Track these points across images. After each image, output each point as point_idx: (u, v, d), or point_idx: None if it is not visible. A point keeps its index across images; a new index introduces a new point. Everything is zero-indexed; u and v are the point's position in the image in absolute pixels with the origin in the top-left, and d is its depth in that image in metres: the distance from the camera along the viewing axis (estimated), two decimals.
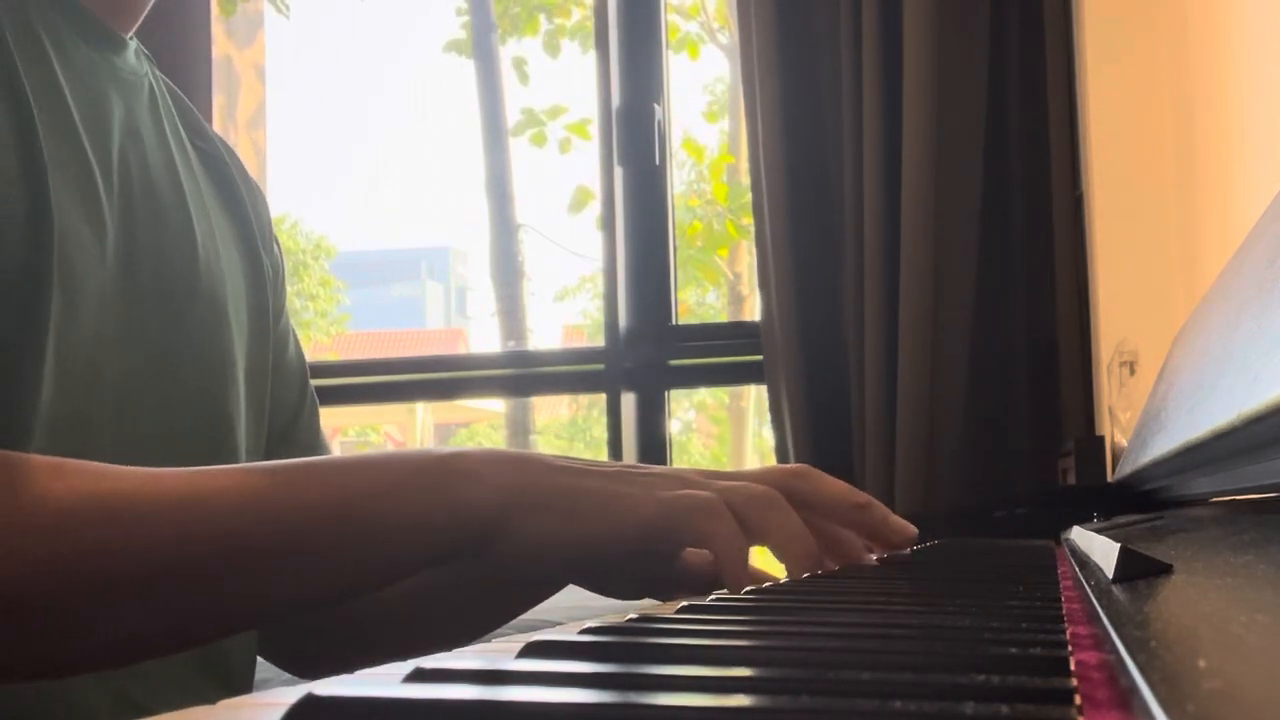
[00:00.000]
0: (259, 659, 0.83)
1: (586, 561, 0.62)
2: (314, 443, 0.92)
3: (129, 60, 0.77)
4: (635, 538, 0.59)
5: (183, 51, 2.35)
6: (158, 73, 0.82)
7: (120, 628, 0.54)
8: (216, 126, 2.45)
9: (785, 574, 0.64)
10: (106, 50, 0.75)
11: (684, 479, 0.62)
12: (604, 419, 2.23)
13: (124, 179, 0.74)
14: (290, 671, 0.89)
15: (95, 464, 0.55)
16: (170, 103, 0.83)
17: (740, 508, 0.60)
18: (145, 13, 0.79)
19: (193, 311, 0.77)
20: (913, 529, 0.70)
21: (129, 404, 0.72)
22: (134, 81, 0.77)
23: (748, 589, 0.53)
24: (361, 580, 0.59)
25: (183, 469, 0.57)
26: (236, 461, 0.81)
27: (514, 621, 0.82)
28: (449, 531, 0.58)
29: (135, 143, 0.76)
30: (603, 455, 2.78)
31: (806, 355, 1.99)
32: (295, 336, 0.93)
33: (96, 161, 0.71)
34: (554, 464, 0.60)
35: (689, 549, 0.66)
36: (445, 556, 0.59)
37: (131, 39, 0.79)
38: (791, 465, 0.69)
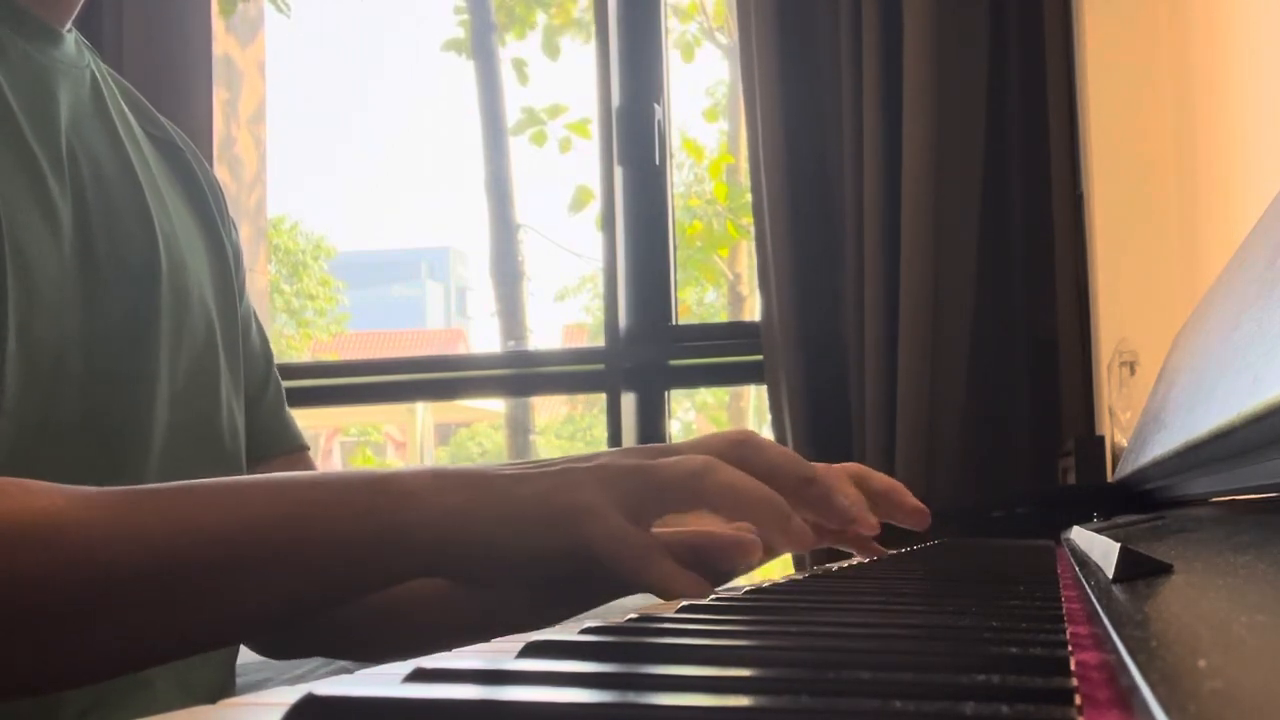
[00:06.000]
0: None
1: (535, 572, 0.58)
2: (278, 417, 0.92)
3: (68, 52, 0.78)
4: (582, 556, 0.55)
5: (183, 49, 2.35)
6: (101, 63, 0.82)
7: (53, 650, 0.53)
8: (218, 122, 2.46)
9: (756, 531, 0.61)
10: (44, 44, 0.76)
11: (625, 491, 0.57)
12: (604, 419, 2.23)
13: (74, 169, 0.74)
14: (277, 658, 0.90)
15: (29, 483, 0.54)
16: (116, 91, 0.83)
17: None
18: (80, 6, 0.79)
19: (156, 293, 0.78)
20: (858, 511, 0.66)
21: (98, 397, 0.72)
22: (75, 73, 0.78)
23: (748, 589, 0.54)
24: (296, 601, 0.56)
25: (116, 490, 0.55)
26: (223, 439, 0.82)
27: None
28: (386, 554, 0.55)
29: (82, 133, 0.76)
30: None
31: (806, 355, 1.99)
32: (256, 317, 0.93)
33: (43, 154, 0.72)
34: (500, 475, 0.57)
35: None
36: (391, 578, 0.57)
37: (70, 31, 0.79)
38: (734, 432, 0.64)
